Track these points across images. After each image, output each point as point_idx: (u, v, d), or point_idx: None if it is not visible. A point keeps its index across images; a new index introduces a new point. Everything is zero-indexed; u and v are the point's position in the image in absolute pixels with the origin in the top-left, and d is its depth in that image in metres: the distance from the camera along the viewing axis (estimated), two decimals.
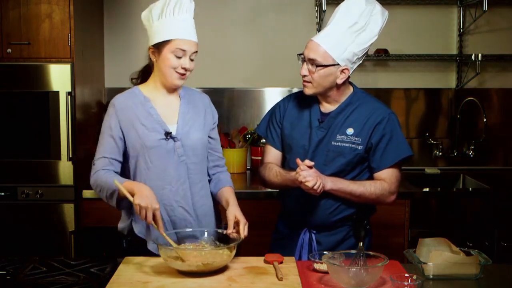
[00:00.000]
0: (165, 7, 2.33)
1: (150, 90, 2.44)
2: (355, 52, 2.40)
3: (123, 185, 2.24)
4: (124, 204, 2.36)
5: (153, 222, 2.20)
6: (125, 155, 2.41)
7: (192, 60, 2.37)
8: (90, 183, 2.38)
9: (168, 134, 2.37)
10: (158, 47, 2.35)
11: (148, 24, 2.40)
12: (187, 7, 2.36)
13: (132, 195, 2.22)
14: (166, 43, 2.33)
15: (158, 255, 2.27)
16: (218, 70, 4.04)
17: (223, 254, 2.15)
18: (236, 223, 2.28)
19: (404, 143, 2.47)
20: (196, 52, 2.37)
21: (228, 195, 2.46)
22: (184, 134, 2.40)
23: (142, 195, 2.19)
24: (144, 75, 2.51)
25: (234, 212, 2.32)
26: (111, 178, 2.29)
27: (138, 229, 2.40)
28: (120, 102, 2.41)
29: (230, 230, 2.27)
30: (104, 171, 2.34)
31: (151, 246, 2.38)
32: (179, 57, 2.33)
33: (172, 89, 2.44)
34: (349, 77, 2.47)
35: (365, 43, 2.41)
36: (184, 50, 2.33)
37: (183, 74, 2.36)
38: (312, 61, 2.40)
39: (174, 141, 2.38)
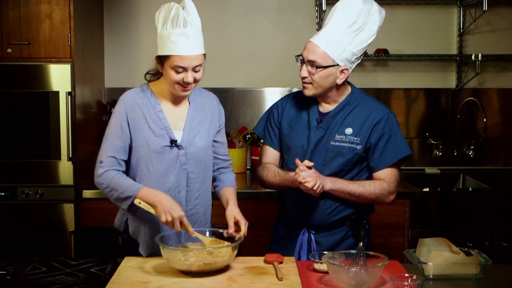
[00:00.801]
0: (167, 16, 2.26)
1: (160, 90, 2.41)
2: (354, 52, 2.40)
3: (141, 195, 2.25)
4: (135, 208, 2.33)
5: (181, 229, 2.22)
6: (129, 154, 2.40)
7: (197, 71, 2.29)
8: (96, 180, 2.34)
9: (173, 142, 2.36)
10: (161, 59, 2.31)
11: (157, 28, 2.33)
12: (189, 19, 2.26)
13: (151, 205, 2.24)
14: (166, 58, 2.28)
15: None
16: (218, 70, 4.03)
17: (225, 254, 2.15)
18: (236, 223, 2.29)
19: (403, 143, 2.47)
20: (201, 64, 2.30)
21: (228, 195, 2.45)
22: (188, 142, 2.39)
23: (164, 208, 2.20)
24: (160, 73, 2.43)
25: (233, 213, 2.32)
26: (126, 182, 2.30)
27: (132, 230, 2.42)
28: (130, 100, 2.37)
29: (231, 230, 2.27)
30: (115, 172, 2.32)
31: (141, 249, 2.40)
32: (180, 72, 2.27)
33: (179, 97, 2.41)
34: (347, 76, 2.47)
35: (363, 43, 2.41)
36: (182, 67, 2.27)
37: (186, 87, 2.31)
38: (311, 63, 2.39)
39: (179, 149, 2.37)
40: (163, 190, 2.35)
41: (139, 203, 2.24)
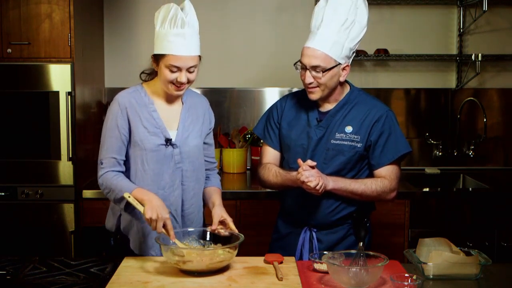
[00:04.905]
0: (166, 16, 2.29)
1: (154, 90, 2.43)
2: (351, 48, 2.44)
3: (133, 194, 2.26)
4: (132, 207, 2.35)
5: (163, 231, 2.22)
6: (126, 153, 2.41)
7: (191, 72, 2.32)
8: (98, 182, 2.39)
9: (168, 141, 2.38)
10: (156, 57, 2.35)
11: (155, 27, 2.36)
12: (187, 20, 2.29)
13: (141, 203, 2.25)
14: (161, 57, 2.31)
15: (138, 255, 2.34)
16: (218, 70, 4.03)
17: (227, 254, 2.16)
18: (222, 222, 2.33)
19: (402, 140, 2.49)
20: (196, 65, 2.33)
21: (214, 195, 2.49)
22: (182, 141, 2.42)
23: (152, 206, 2.21)
24: (154, 73, 2.46)
25: (220, 212, 2.37)
26: (122, 183, 2.32)
27: (123, 226, 2.43)
28: (125, 100, 2.40)
29: (215, 227, 2.32)
30: (113, 173, 2.35)
31: (132, 245, 2.41)
32: (174, 72, 2.30)
33: (173, 97, 2.43)
34: (348, 72, 2.49)
35: (357, 37, 2.44)
36: (177, 67, 2.29)
37: (179, 87, 2.34)
38: (315, 68, 2.40)
39: (173, 148, 2.39)
40: (159, 188, 2.38)
41: (129, 197, 2.25)
